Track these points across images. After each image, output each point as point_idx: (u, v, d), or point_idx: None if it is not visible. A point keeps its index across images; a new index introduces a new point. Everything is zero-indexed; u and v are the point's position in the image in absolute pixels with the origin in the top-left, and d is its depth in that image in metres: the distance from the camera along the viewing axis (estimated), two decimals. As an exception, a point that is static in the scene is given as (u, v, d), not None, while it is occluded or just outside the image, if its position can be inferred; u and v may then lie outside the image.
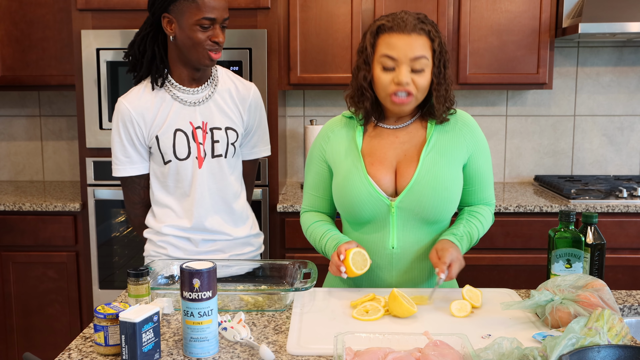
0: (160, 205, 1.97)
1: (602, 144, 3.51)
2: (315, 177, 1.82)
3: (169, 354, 1.32)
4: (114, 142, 1.95)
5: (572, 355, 1.10)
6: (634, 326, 1.60)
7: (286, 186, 3.40)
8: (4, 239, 2.98)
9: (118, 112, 1.93)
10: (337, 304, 1.58)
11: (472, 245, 1.76)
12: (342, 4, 3.07)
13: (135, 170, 1.96)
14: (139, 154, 1.94)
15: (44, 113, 3.55)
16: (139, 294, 1.45)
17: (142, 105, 1.91)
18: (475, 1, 3.06)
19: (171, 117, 1.91)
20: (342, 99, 3.43)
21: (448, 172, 1.68)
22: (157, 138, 1.91)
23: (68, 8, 3.03)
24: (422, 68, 1.62)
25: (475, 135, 1.74)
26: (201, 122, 1.92)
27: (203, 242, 1.97)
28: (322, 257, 1.79)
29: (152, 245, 2.00)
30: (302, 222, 1.87)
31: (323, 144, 1.79)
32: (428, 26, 1.64)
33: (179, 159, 1.91)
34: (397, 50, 1.61)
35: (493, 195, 1.82)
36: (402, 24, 1.62)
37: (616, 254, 2.88)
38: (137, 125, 1.91)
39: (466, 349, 1.19)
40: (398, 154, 1.71)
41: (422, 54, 1.61)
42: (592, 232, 1.66)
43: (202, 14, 1.82)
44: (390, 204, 1.68)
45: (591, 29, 2.89)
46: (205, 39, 1.85)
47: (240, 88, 2.01)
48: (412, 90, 1.63)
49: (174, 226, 1.95)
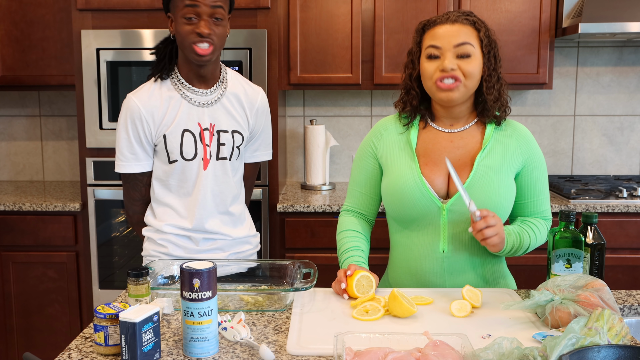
0: (160, 204, 1.97)
1: (602, 144, 3.51)
2: (364, 173, 1.80)
3: (169, 354, 1.32)
4: (119, 138, 1.93)
5: (572, 355, 1.10)
6: (634, 326, 1.60)
7: (286, 186, 3.40)
8: (4, 239, 2.98)
9: (127, 109, 1.91)
10: (337, 304, 1.58)
11: (519, 252, 1.70)
12: (342, 4, 3.07)
13: (140, 167, 1.95)
14: (145, 151, 1.94)
15: (44, 113, 3.55)
16: (139, 294, 1.44)
17: (152, 103, 1.90)
18: (475, 1, 3.06)
19: (180, 116, 1.91)
20: (342, 99, 3.46)
21: (502, 179, 1.67)
22: (165, 137, 1.90)
23: (68, 8, 3.03)
24: (468, 53, 1.62)
25: (531, 147, 1.73)
26: (209, 124, 1.93)
27: (204, 241, 1.97)
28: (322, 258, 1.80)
29: (151, 244, 2.00)
30: (339, 222, 1.86)
31: (375, 140, 1.79)
32: (473, 17, 1.66)
33: (186, 159, 1.91)
34: (440, 38, 1.63)
35: (549, 210, 1.78)
36: (445, 16, 1.66)
37: (616, 254, 2.88)
38: (146, 123, 1.90)
39: (466, 349, 1.19)
40: (452, 158, 1.69)
41: (467, 40, 1.63)
42: (592, 232, 1.66)
43: (184, 2, 1.82)
44: (442, 207, 1.67)
45: (591, 29, 2.89)
46: (190, 31, 1.83)
47: (249, 92, 2.01)
48: (459, 75, 1.62)
49: (175, 225, 1.95)
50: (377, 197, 1.81)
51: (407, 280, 1.75)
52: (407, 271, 1.75)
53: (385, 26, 3.06)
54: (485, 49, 1.65)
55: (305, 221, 2.91)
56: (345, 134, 3.50)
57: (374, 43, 3.08)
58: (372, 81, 3.11)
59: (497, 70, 1.68)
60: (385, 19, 3.06)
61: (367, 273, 1.61)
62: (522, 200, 1.74)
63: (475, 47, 1.64)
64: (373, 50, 3.08)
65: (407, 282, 1.75)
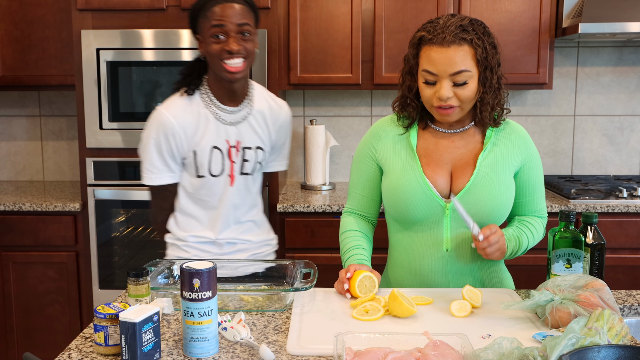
0: (185, 214, 2.00)
1: (602, 144, 3.51)
2: (363, 176, 1.80)
3: (169, 354, 1.32)
4: (150, 151, 1.92)
5: (572, 355, 1.10)
6: (634, 326, 1.60)
7: (286, 186, 3.40)
8: (4, 239, 2.98)
9: (160, 123, 1.90)
10: (337, 304, 1.58)
11: (518, 254, 1.72)
12: (342, 4, 3.07)
13: (171, 179, 1.97)
14: (176, 163, 1.95)
15: (44, 113, 3.55)
16: (139, 294, 1.44)
17: (185, 119, 1.91)
18: (475, 1, 3.06)
19: (209, 133, 1.92)
20: (342, 99, 3.46)
21: (503, 178, 1.68)
22: (195, 152, 1.92)
23: (68, 8, 3.03)
24: (465, 81, 1.59)
25: (529, 147, 1.74)
26: (235, 141, 1.95)
27: (227, 245, 2.02)
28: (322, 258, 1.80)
29: (175, 249, 2.02)
30: (340, 223, 1.86)
31: (374, 142, 1.78)
32: (470, 34, 1.57)
33: (213, 175, 1.94)
34: (436, 65, 1.58)
35: (545, 208, 1.79)
36: (441, 35, 1.56)
37: (616, 254, 2.88)
38: (179, 138, 1.91)
39: (466, 349, 1.19)
40: (454, 158, 1.70)
41: (463, 68, 1.57)
42: (592, 232, 1.66)
43: (210, 23, 1.83)
44: (445, 206, 1.67)
45: (591, 29, 2.89)
46: (219, 50, 1.84)
47: (274, 108, 2.04)
48: (455, 103, 1.61)
49: (199, 236, 1.99)
50: (378, 198, 1.81)
51: (409, 280, 1.75)
52: (409, 271, 1.75)
53: (385, 26, 3.06)
54: (481, 68, 1.60)
55: (305, 221, 2.91)
56: (345, 134, 3.50)
57: (374, 43, 3.08)
58: (372, 81, 3.11)
59: (492, 84, 1.64)
60: (385, 19, 3.06)
61: (369, 273, 1.61)
62: (519, 199, 1.75)
63: (472, 71, 1.59)
64: (373, 50, 3.08)
65: (409, 281, 1.75)
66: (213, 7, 1.84)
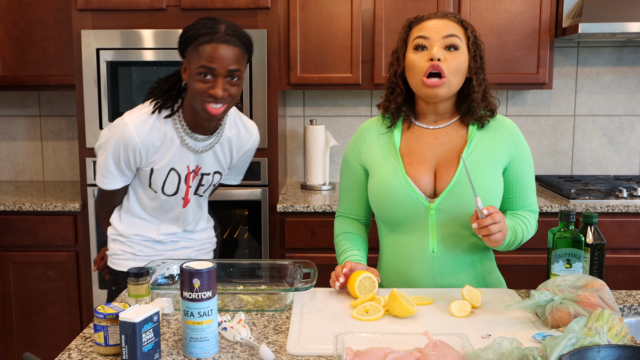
0: (130, 214, 2.01)
1: (602, 144, 3.51)
2: (350, 179, 1.79)
3: (169, 354, 1.32)
4: (107, 158, 1.88)
5: (572, 355, 1.10)
6: (634, 326, 1.60)
7: (286, 186, 3.40)
8: (4, 239, 2.98)
9: (122, 137, 1.83)
10: (337, 304, 1.58)
11: (512, 246, 1.70)
12: (342, 4, 3.07)
13: (124, 183, 1.96)
14: (131, 171, 1.94)
15: (44, 113, 3.55)
16: (139, 294, 1.45)
17: (150, 139, 1.84)
18: (475, 1, 3.06)
19: (171, 156, 1.89)
20: (342, 99, 3.46)
21: (489, 175, 1.65)
22: (152, 170, 1.90)
23: (68, 8, 3.03)
24: (456, 45, 1.63)
25: (517, 140, 1.71)
26: (195, 166, 1.94)
27: (171, 243, 2.04)
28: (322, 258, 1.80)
29: (118, 244, 2.04)
30: (334, 228, 1.85)
31: (359, 145, 1.77)
32: (460, 17, 1.69)
33: (166, 194, 1.94)
34: (429, 29, 1.64)
35: (536, 203, 1.78)
36: (433, 14, 1.68)
37: (616, 254, 2.88)
38: (139, 155, 1.86)
39: (466, 349, 1.19)
40: (437, 155, 1.69)
41: (455, 33, 1.64)
42: (592, 232, 1.66)
43: (200, 62, 1.72)
44: (429, 206, 1.65)
45: (591, 29, 2.89)
46: (204, 90, 1.74)
47: (243, 136, 2.01)
48: (445, 69, 1.61)
49: (144, 236, 2.02)
50: (367, 201, 1.80)
51: (397, 283, 1.73)
52: (397, 273, 1.74)
53: (385, 26, 3.06)
54: (471, 47, 1.66)
55: (305, 221, 2.91)
56: (345, 134, 3.50)
57: (374, 43, 3.08)
58: (372, 81, 3.11)
59: (482, 70, 1.68)
60: (385, 19, 3.06)
61: (369, 274, 1.61)
62: (510, 194, 1.73)
63: (463, 42, 1.65)
64: (373, 50, 3.08)
65: (397, 284, 1.72)
66: (206, 44, 1.72)
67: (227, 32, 1.74)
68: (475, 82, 1.67)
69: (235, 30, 1.76)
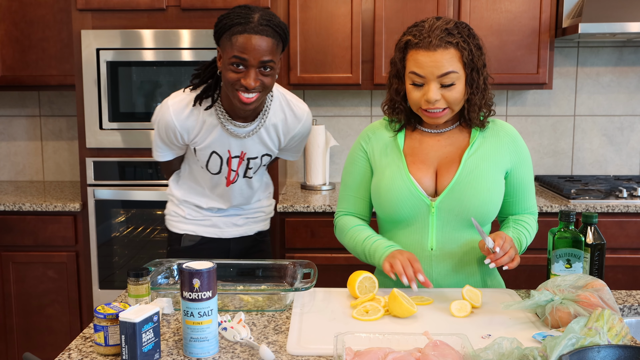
0: (186, 181, 2.09)
1: (602, 144, 3.51)
2: (357, 177, 1.79)
3: (169, 354, 1.32)
4: (156, 136, 2.00)
5: (572, 355, 1.10)
6: (634, 326, 1.60)
7: (286, 186, 3.40)
8: (4, 239, 2.98)
9: (163, 119, 1.92)
10: (337, 304, 1.58)
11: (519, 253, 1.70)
12: (342, 4, 3.07)
13: (175, 155, 2.05)
14: (178, 147, 2.01)
15: (44, 113, 3.55)
16: (139, 294, 1.45)
17: (188, 123, 1.91)
18: (475, 1, 3.06)
19: (212, 140, 1.92)
20: (342, 99, 3.46)
21: (490, 175, 1.67)
22: (195, 149, 1.96)
23: (68, 8, 3.03)
24: (452, 82, 1.60)
25: (518, 145, 1.73)
26: (239, 152, 1.95)
27: (219, 210, 2.11)
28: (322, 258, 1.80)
29: (172, 205, 2.14)
30: (339, 226, 1.83)
31: (364, 144, 1.79)
32: (456, 37, 1.58)
33: (211, 172, 1.99)
34: (423, 68, 1.59)
35: (535, 204, 1.81)
36: (427, 39, 1.58)
37: (616, 254, 2.88)
38: (180, 136, 1.94)
39: (466, 349, 1.19)
40: (439, 156, 1.71)
41: (450, 69, 1.58)
42: (592, 232, 1.66)
43: (233, 52, 1.72)
44: (431, 204, 1.67)
45: (591, 29, 2.89)
46: (236, 79, 1.75)
47: (290, 121, 1.99)
48: (443, 105, 1.62)
49: (193, 203, 2.10)
50: (370, 199, 1.80)
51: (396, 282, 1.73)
52: None
53: (385, 26, 3.06)
54: (467, 70, 1.61)
55: (305, 221, 2.91)
56: (345, 134, 3.50)
57: (374, 43, 3.08)
58: (372, 81, 3.11)
59: (479, 85, 1.64)
60: (385, 19, 3.06)
61: (369, 274, 1.61)
62: (511, 197, 1.75)
63: (459, 72, 1.60)
64: (373, 51, 3.08)
65: (396, 283, 1.72)
66: (239, 34, 1.71)
67: (260, 21, 1.74)
68: (471, 100, 1.66)
69: (269, 20, 1.76)
